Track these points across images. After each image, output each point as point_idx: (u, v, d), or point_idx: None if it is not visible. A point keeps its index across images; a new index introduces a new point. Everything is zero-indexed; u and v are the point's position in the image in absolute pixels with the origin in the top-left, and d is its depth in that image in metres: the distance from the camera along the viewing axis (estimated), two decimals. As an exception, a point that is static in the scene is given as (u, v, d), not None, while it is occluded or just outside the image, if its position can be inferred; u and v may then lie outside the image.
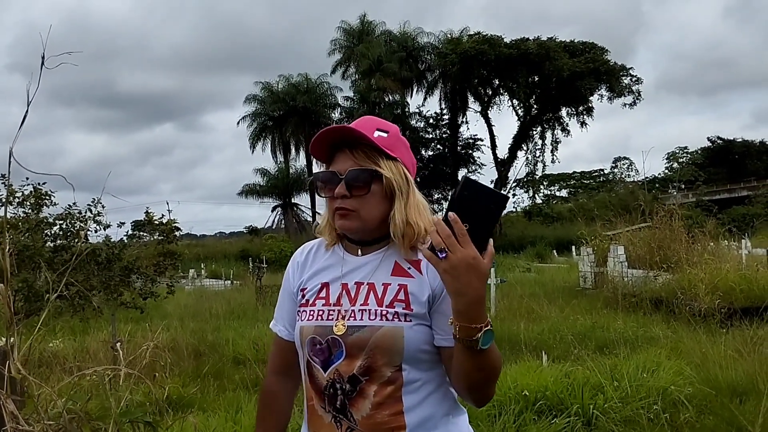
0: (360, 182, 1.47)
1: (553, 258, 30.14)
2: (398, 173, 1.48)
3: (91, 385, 4.32)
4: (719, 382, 5.27)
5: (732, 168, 58.42)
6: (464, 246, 1.22)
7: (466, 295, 1.24)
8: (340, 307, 1.49)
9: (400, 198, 1.48)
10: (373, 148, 1.47)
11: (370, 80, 43.73)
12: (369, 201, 1.47)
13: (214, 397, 6.12)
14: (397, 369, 1.43)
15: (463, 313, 1.26)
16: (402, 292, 1.46)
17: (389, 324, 1.43)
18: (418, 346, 1.43)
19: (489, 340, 1.28)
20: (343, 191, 1.47)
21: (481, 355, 1.30)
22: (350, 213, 1.48)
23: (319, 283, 1.56)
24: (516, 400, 4.82)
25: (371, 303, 1.46)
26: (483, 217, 1.23)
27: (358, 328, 1.44)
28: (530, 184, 55.03)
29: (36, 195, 7.85)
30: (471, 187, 1.24)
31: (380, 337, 1.42)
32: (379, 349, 1.42)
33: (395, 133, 1.52)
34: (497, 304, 11.01)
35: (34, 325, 3.23)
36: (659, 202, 16.99)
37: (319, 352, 1.48)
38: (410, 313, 1.44)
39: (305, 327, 1.52)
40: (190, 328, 9.70)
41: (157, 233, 9.38)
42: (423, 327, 1.44)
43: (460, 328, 1.27)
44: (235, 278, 24.51)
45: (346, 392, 1.44)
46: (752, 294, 9.52)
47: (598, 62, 40.85)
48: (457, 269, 1.22)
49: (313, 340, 1.49)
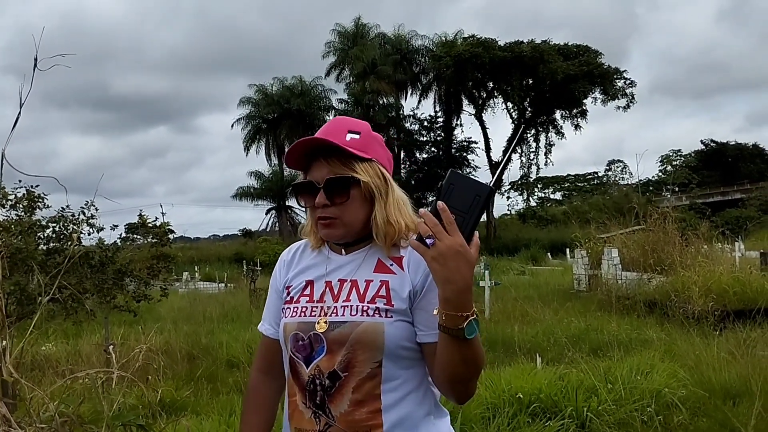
0: (339, 190, 1.48)
1: (547, 261, 30.21)
2: (375, 174, 1.50)
3: (84, 388, 4.29)
4: (713, 384, 5.29)
5: (725, 171, 58.61)
6: (452, 234, 1.23)
7: (454, 282, 1.25)
8: (323, 303, 1.51)
9: (380, 199, 1.49)
10: (348, 153, 1.48)
11: (365, 83, 43.76)
12: (350, 207, 1.49)
13: (207, 400, 6.10)
14: (377, 365, 1.44)
15: (450, 301, 1.27)
16: (384, 288, 1.48)
17: (369, 319, 1.44)
18: (398, 342, 1.44)
19: (474, 329, 1.29)
20: (324, 200, 1.48)
21: (466, 346, 1.30)
22: (333, 221, 1.49)
23: (303, 280, 1.58)
24: (510, 402, 4.83)
25: (353, 299, 1.48)
26: (469, 208, 1.26)
27: (339, 324, 1.46)
28: (524, 187, 55.14)
29: (29, 198, 7.81)
30: (458, 180, 1.27)
31: (360, 332, 1.44)
32: (359, 344, 1.43)
33: (367, 132, 1.52)
34: (491, 307, 11.02)
35: (26, 328, 3.22)
36: (653, 204, 17.03)
37: (302, 348, 1.50)
38: (391, 309, 1.45)
39: (288, 323, 1.54)
40: (184, 331, 9.67)
41: (150, 236, 9.35)
42: (404, 323, 1.45)
43: (447, 317, 1.28)
44: (229, 281, 24.46)
45: (325, 388, 1.45)
46: (745, 296, 9.55)
47: (591, 65, 41.00)
48: (445, 256, 1.23)
49: (296, 336, 1.51)
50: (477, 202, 1.25)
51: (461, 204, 1.25)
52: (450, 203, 1.24)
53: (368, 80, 43.39)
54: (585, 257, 14.46)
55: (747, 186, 51.05)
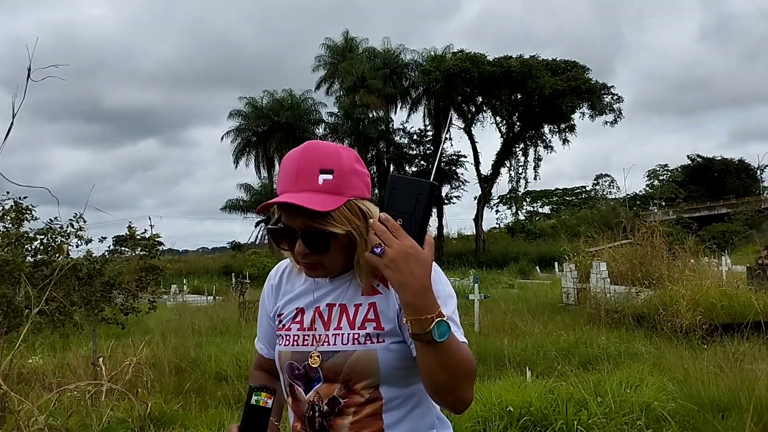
0: (316, 243, 1.42)
1: (536, 274, 30.24)
2: (353, 217, 1.42)
3: (72, 401, 4.25)
4: (702, 397, 5.30)
5: (711, 186, 59.14)
6: (400, 238, 1.23)
7: (410, 285, 1.23)
8: (314, 331, 1.50)
9: (360, 241, 1.43)
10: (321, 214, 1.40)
11: (355, 96, 43.87)
12: (330, 255, 1.45)
13: (196, 413, 6.05)
14: (375, 389, 1.43)
15: (411, 306, 1.25)
16: (372, 311, 1.47)
17: (362, 348, 1.43)
18: (393, 364, 1.43)
19: (445, 331, 1.26)
20: (303, 250, 1.43)
21: (440, 350, 1.27)
22: (315, 265, 1.47)
23: (294, 308, 1.57)
24: (500, 416, 4.82)
25: (344, 326, 1.47)
26: (414, 209, 1.26)
27: (332, 354, 1.45)
28: (513, 201, 55.34)
29: (17, 209, 7.75)
30: (399, 182, 1.28)
31: (354, 361, 1.43)
32: (354, 374, 1.43)
33: (339, 167, 1.42)
34: (481, 320, 11.02)
35: (13, 341, 3.19)
36: (640, 219, 17.19)
37: (299, 377, 1.49)
38: (382, 333, 1.44)
39: (283, 352, 1.53)
40: (172, 344, 9.59)
41: (139, 248, 9.28)
42: (397, 345, 1.44)
43: (412, 323, 1.26)
44: (218, 294, 24.34)
45: (324, 414, 1.45)
46: (733, 310, 9.59)
47: (579, 80, 41.30)
48: (396, 261, 1.22)
49: (291, 365, 1.51)
50: (420, 201, 1.26)
51: (405, 206, 1.26)
52: (394, 208, 1.25)
53: (358, 94, 43.49)
54: (573, 271, 14.50)
55: (733, 201, 51.54)
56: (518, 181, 47.02)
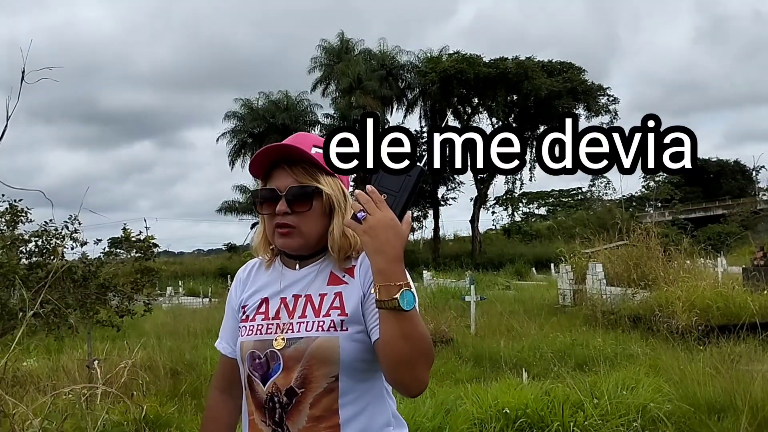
0: (301, 199, 1.50)
1: (532, 275, 30.25)
2: (337, 189, 1.54)
3: (67, 404, 4.24)
4: (698, 399, 5.30)
5: (707, 187, 59.22)
6: (382, 209, 1.31)
7: (384, 253, 1.30)
8: (279, 320, 1.52)
9: (339, 213, 1.52)
10: (312, 164, 1.51)
11: (351, 98, 43.84)
12: (310, 217, 1.51)
13: (191, 416, 6.03)
14: (334, 379, 1.45)
15: (383, 272, 1.30)
16: (337, 299, 1.50)
17: (325, 334, 1.46)
18: (354, 356, 1.45)
19: (411, 300, 1.31)
20: (285, 208, 1.50)
21: (404, 320, 1.31)
22: (292, 230, 1.51)
23: (259, 299, 1.59)
24: (497, 417, 4.82)
25: (309, 314, 1.50)
26: (400, 188, 1.34)
27: (296, 340, 1.47)
28: (509, 202, 55.40)
29: (12, 212, 7.72)
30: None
31: (315, 347, 1.45)
32: (314, 360, 1.45)
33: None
34: (477, 322, 11.02)
35: (8, 343, 3.17)
36: (636, 220, 17.20)
37: (259, 367, 1.50)
38: (346, 319, 1.47)
39: (245, 342, 1.55)
40: (168, 346, 9.57)
41: (134, 250, 9.25)
42: (360, 335, 1.46)
43: (381, 290, 1.30)
44: (213, 296, 24.29)
45: (283, 405, 1.46)
46: (728, 312, 9.61)
47: (575, 82, 41.41)
48: (375, 229, 1.30)
49: (252, 354, 1.52)
50: (407, 182, 1.34)
51: (392, 184, 1.34)
52: (382, 184, 1.34)
53: (354, 95, 43.46)
54: (570, 272, 14.51)
55: (729, 202, 51.64)
56: (514, 182, 47.09)
